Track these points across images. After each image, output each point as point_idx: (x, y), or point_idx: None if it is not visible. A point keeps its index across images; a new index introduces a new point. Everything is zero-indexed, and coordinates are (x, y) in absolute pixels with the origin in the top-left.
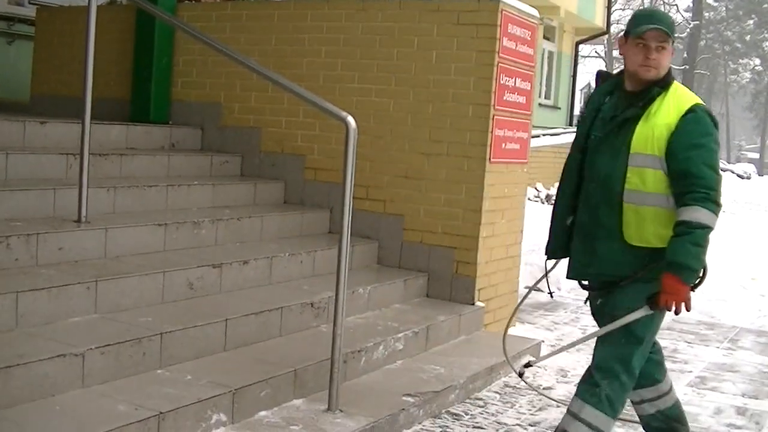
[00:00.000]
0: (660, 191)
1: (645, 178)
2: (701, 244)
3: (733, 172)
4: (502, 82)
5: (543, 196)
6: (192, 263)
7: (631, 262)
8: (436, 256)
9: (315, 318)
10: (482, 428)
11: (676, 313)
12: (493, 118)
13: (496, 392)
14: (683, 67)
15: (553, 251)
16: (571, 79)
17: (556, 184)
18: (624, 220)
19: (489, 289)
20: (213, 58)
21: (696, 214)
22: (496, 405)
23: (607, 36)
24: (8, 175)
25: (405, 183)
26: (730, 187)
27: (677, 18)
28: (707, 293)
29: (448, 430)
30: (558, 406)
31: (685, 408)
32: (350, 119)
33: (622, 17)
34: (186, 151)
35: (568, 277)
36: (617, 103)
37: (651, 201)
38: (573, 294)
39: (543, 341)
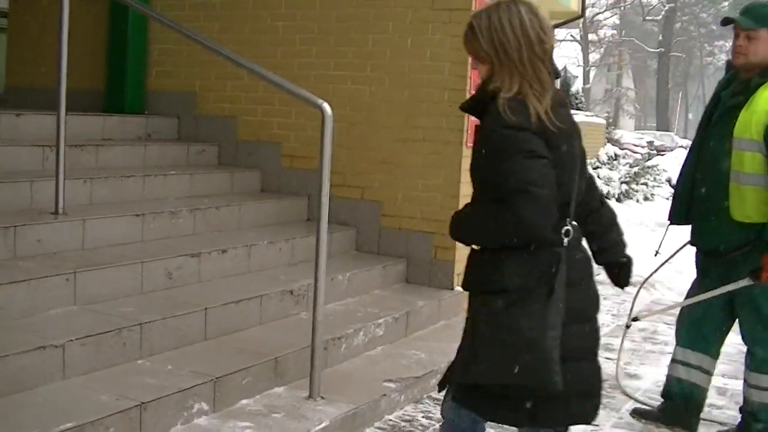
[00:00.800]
0: (758, 172)
1: (743, 160)
2: None
3: None
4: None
5: None
6: (170, 253)
7: (738, 236)
8: (414, 241)
9: (295, 305)
10: None
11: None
12: None
13: None
14: (659, 50)
15: (674, 218)
16: None
17: None
18: (729, 198)
19: None
20: (187, 47)
21: None
22: None
23: (582, 19)
24: None
25: (382, 169)
26: None
27: (652, 0)
28: (687, 275)
29: (430, 414)
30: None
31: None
32: (326, 106)
33: (596, 0)
34: (162, 141)
35: (690, 243)
36: (731, 91)
37: (750, 181)
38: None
39: None
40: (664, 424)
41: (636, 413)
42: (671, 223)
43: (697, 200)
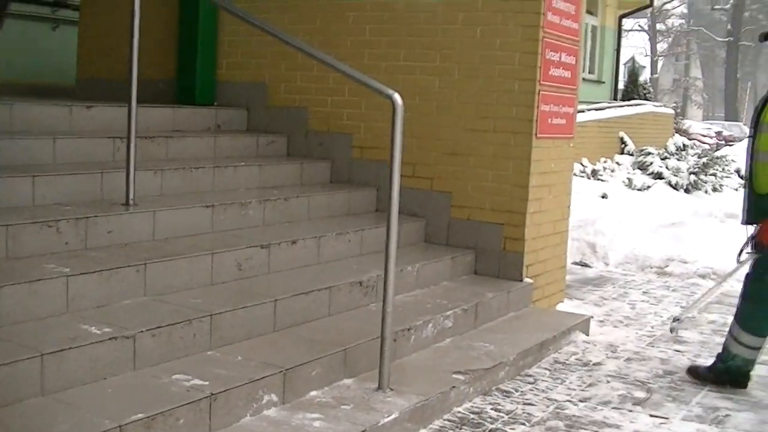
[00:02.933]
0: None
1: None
2: None
3: None
4: (547, 57)
5: (589, 171)
6: (240, 244)
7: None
8: (483, 232)
9: (364, 297)
10: (533, 404)
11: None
12: (539, 93)
13: (546, 369)
14: (728, 39)
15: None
16: (615, 53)
17: (602, 159)
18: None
19: (537, 265)
20: (257, 38)
21: None
22: (546, 381)
23: (650, 9)
24: (56, 159)
25: (452, 160)
26: None
27: None
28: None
29: (498, 407)
30: (607, 381)
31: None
32: (396, 96)
33: None
34: (232, 132)
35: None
36: None
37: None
38: (621, 269)
39: (592, 317)
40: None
41: (691, 372)
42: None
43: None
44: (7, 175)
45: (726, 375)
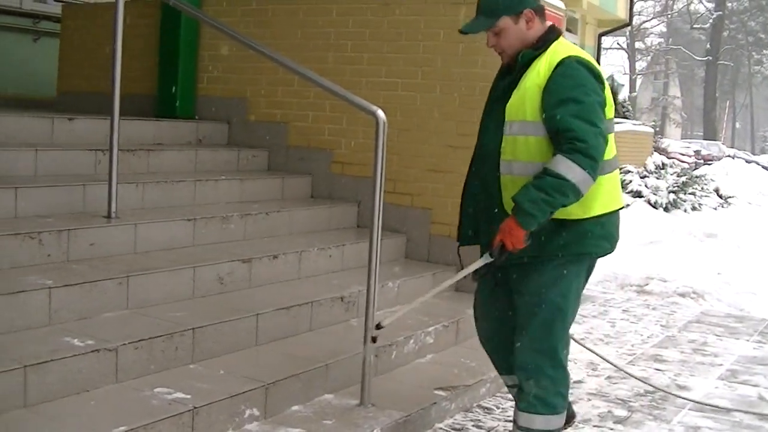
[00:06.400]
0: (534, 159)
1: (516, 147)
2: (547, 191)
3: (758, 164)
4: None
5: None
6: (222, 258)
7: None
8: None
9: (345, 312)
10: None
11: (501, 255)
12: None
13: None
14: (706, 58)
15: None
16: None
17: None
18: (502, 191)
19: None
20: (238, 53)
21: (555, 162)
22: None
23: (629, 27)
24: (38, 171)
25: (432, 176)
26: (756, 179)
27: (699, 8)
28: (735, 286)
29: (480, 423)
30: (588, 399)
31: (716, 401)
32: (380, 113)
33: (644, 8)
34: (213, 146)
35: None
36: (498, 78)
37: (523, 170)
38: (600, 287)
39: (573, 335)
40: None
41: None
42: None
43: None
44: None
45: None
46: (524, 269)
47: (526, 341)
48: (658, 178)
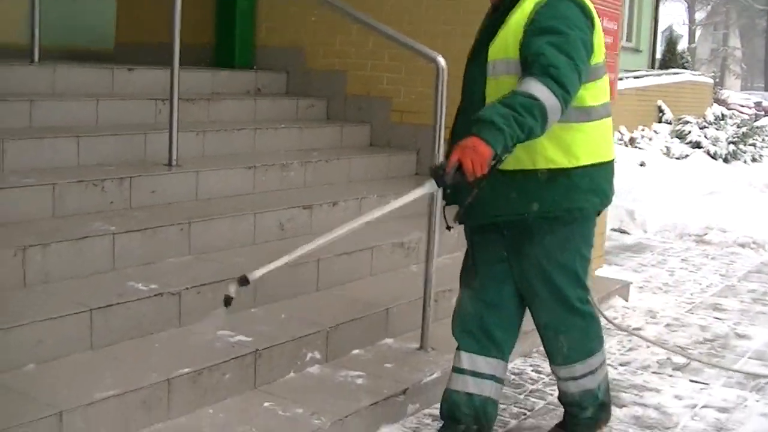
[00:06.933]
0: None
1: (500, 88)
2: (516, 109)
3: None
4: None
5: (626, 139)
6: (282, 205)
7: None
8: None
9: (405, 258)
10: None
11: (454, 178)
12: None
13: None
14: None
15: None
16: (653, 21)
17: (640, 127)
18: None
19: None
20: (296, 2)
21: (524, 83)
22: None
23: None
24: (99, 121)
25: None
26: None
27: None
28: None
29: (538, 368)
30: (648, 346)
31: None
32: (440, 59)
33: None
34: (271, 96)
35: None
36: (484, 21)
37: None
38: (659, 237)
39: (631, 283)
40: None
41: None
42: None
43: None
44: (52, 136)
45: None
46: (520, 230)
47: (542, 303)
48: (717, 129)
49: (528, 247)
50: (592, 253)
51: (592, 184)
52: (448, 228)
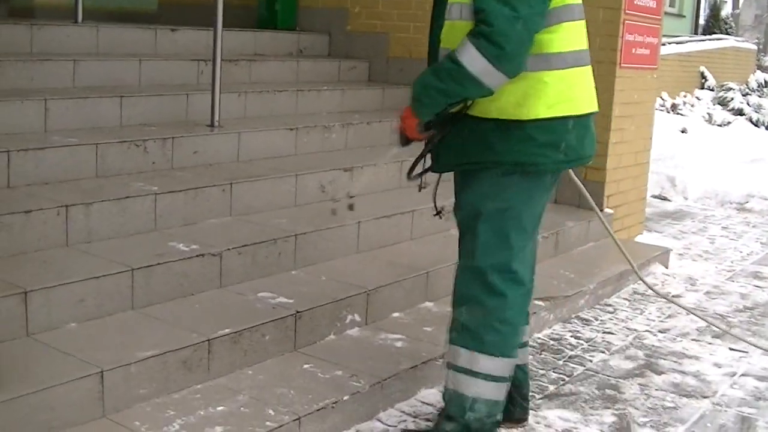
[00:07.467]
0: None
1: (454, 33)
2: (440, 77)
3: None
4: None
5: (668, 105)
6: (323, 167)
7: None
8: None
9: (445, 221)
10: (612, 333)
11: (403, 142)
12: (623, 23)
13: (625, 299)
14: None
15: None
16: None
17: (682, 94)
18: None
19: (617, 195)
20: None
21: (459, 46)
22: (625, 311)
23: None
24: (141, 81)
25: None
26: None
27: None
28: None
29: (578, 334)
30: (687, 314)
31: None
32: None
33: None
34: (314, 57)
35: None
36: None
37: None
38: (700, 204)
39: (671, 249)
40: None
41: None
42: None
43: None
44: (96, 96)
45: None
46: (464, 179)
47: (461, 261)
48: (760, 96)
49: (463, 196)
50: (537, 227)
51: (553, 138)
52: (411, 179)
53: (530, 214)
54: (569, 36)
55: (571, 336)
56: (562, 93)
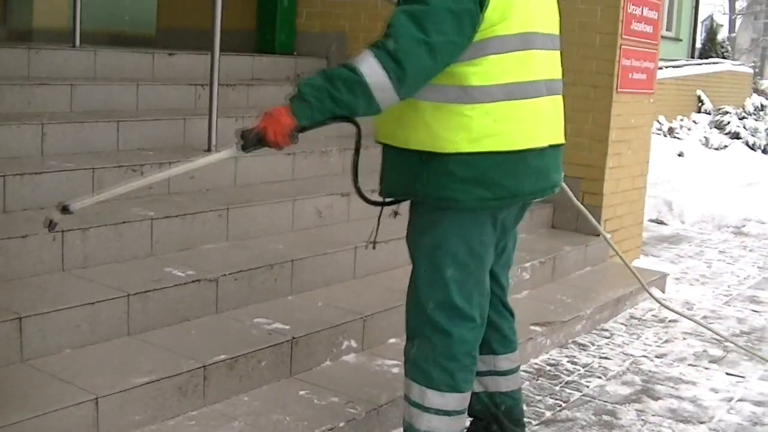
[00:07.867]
0: None
1: None
2: (333, 82)
3: None
4: (629, 10)
5: (665, 129)
6: (321, 191)
7: None
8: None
9: None
10: (609, 359)
11: (254, 144)
12: (620, 48)
13: (622, 323)
14: None
15: None
16: (693, 10)
17: (679, 117)
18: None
19: (614, 220)
20: None
21: (361, 55)
22: (622, 336)
23: None
24: (139, 105)
25: None
26: None
27: None
28: None
29: (575, 359)
30: (684, 338)
31: None
32: None
33: None
34: None
35: None
36: None
37: None
38: (697, 228)
39: (668, 274)
40: None
41: None
42: None
43: None
44: (93, 120)
45: None
46: (409, 211)
47: (407, 295)
48: (756, 120)
49: (408, 226)
50: (483, 262)
51: (476, 174)
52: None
53: (467, 250)
54: (504, 68)
55: (568, 361)
56: (486, 127)
